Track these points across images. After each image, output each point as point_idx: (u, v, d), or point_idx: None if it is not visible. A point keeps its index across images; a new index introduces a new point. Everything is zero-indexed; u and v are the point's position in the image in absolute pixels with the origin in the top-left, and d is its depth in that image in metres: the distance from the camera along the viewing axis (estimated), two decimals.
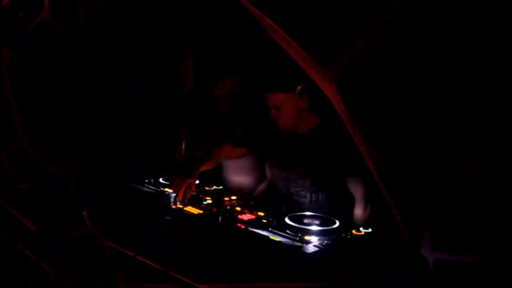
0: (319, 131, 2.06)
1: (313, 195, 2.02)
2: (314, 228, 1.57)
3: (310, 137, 2.05)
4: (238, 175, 2.59)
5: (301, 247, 1.41)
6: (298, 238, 1.47)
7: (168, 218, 1.69)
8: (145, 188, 2.11)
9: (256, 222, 1.63)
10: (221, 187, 2.27)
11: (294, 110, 1.99)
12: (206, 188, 2.17)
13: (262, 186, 2.50)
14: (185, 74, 2.92)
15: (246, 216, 1.71)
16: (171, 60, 2.92)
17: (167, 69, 2.93)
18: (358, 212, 1.99)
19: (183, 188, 1.95)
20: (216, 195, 2.04)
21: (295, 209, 1.88)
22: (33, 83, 2.39)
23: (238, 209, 1.81)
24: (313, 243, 1.44)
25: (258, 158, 2.46)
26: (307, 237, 1.48)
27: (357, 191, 2.00)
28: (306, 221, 1.64)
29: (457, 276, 0.77)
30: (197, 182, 2.08)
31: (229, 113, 2.54)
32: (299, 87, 1.94)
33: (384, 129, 1.91)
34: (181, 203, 1.88)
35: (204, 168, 2.16)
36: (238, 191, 2.38)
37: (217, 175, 2.71)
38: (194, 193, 2.02)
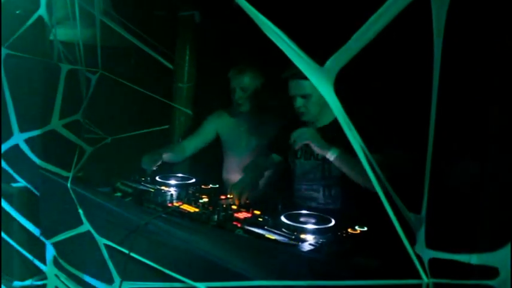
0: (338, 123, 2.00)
1: (326, 189, 1.99)
2: (310, 226, 1.57)
3: (329, 129, 1.96)
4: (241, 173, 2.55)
5: (296, 245, 1.41)
6: (293, 236, 1.47)
7: (164, 215, 1.69)
8: (141, 186, 2.11)
9: (252, 221, 1.63)
10: (217, 185, 2.26)
11: (321, 99, 1.87)
12: (203, 186, 2.17)
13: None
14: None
15: (242, 215, 1.71)
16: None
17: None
18: None
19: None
20: (213, 194, 2.03)
21: (307, 204, 1.87)
22: None
23: (234, 207, 1.81)
24: (308, 241, 1.44)
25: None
26: (302, 236, 1.48)
27: None
28: (302, 219, 1.64)
29: (453, 275, 0.77)
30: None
31: (257, 108, 2.40)
32: None
33: (381, 129, 1.89)
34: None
35: None
36: None
37: (214, 173, 2.69)
38: None
